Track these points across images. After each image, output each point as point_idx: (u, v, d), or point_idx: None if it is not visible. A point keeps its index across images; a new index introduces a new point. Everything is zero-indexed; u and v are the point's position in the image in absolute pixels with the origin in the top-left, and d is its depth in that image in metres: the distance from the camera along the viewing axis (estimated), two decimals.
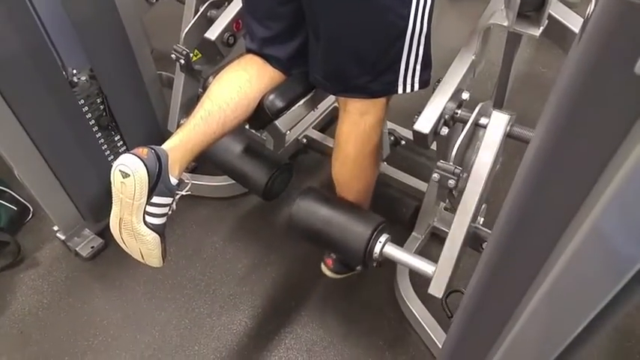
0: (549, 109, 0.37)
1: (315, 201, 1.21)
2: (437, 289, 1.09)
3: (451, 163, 1.05)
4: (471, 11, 2.21)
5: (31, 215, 1.68)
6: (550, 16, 1.06)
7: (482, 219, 1.40)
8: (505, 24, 1.05)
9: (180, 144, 1.05)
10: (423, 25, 1.02)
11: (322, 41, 1.06)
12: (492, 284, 0.53)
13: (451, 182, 1.05)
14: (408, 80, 1.08)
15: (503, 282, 0.52)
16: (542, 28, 1.03)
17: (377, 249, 1.14)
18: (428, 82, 1.11)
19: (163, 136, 1.63)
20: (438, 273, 1.09)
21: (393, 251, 1.16)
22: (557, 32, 1.11)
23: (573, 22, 1.10)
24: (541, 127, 0.39)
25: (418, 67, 1.07)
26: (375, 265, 1.17)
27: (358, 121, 1.12)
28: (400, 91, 1.09)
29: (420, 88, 1.10)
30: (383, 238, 1.16)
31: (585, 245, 0.36)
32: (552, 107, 0.36)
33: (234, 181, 1.46)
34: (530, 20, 1.03)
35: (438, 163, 1.06)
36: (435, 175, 1.07)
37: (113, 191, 0.98)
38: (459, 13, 2.37)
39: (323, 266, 1.34)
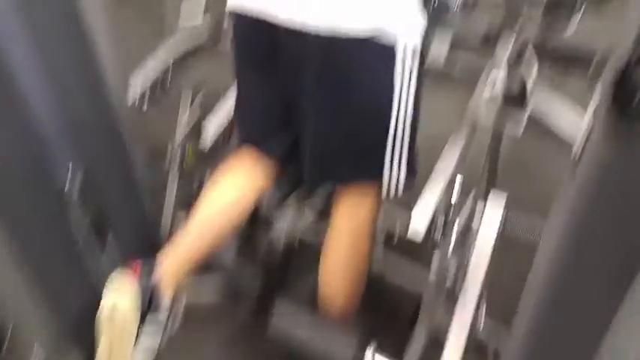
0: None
1: (291, 319, 1.12)
2: None
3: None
4: (452, 96, 2.26)
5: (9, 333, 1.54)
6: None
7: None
8: (488, 124, 1.09)
9: (175, 258, 1.02)
10: (406, 121, 0.98)
11: (306, 127, 1.03)
12: None
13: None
14: (394, 173, 1.02)
15: None
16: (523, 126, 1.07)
17: None
18: (412, 184, 1.06)
19: (157, 238, 1.57)
20: None
21: None
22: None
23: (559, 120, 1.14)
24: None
25: (404, 159, 1.01)
26: None
27: (352, 211, 1.10)
28: (385, 178, 1.02)
29: (405, 183, 1.04)
30: (369, 352, 1.04)
31: None
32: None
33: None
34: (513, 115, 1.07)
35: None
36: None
37: (102, 315, 0.93)
38: (441, 98, 2.41)
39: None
